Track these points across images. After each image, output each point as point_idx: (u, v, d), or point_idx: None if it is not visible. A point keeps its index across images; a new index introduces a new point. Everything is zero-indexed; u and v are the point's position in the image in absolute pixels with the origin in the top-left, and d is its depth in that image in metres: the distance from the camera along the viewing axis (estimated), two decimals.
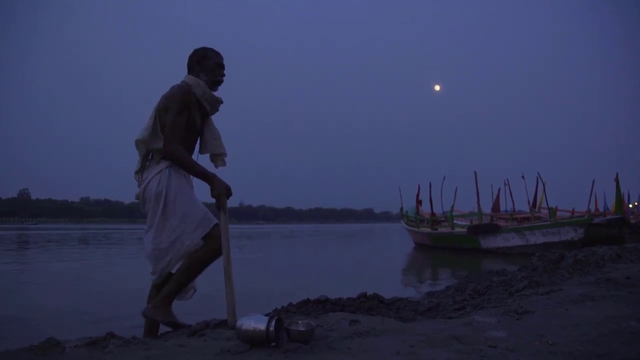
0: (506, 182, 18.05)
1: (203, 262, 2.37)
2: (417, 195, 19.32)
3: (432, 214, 17.80)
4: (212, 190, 2.29)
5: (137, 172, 2.48)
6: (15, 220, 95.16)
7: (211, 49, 2.61)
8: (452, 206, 16.44)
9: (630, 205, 26.34)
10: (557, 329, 2.14)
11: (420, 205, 19.17)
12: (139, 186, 2.45)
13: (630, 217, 20.01)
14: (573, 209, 17.76)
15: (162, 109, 2.40)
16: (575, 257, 5.04)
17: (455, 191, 17.20)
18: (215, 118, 2.70)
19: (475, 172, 16.16)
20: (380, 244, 22.28)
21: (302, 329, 1.84)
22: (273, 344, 1.72)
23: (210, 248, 2.35)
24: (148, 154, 2.48)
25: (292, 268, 9.65)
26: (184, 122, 2.39)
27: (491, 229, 14.04)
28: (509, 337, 2.03)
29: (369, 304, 3.44)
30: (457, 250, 14.62)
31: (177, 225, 2.35)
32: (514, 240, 13.49)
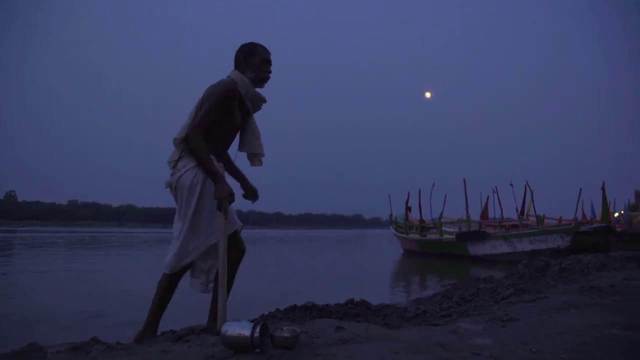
0: (495, 189, 18.23)
1: (234, 264, 2.44)
2: (407, 201, 19.41)
3: (421, 220, 17.87)
4: (215, 191, 2.28)
5: (171, 161, 2.45)
6: (1, 222, 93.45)
7: (259, 45, 2.57)
8: (441, 213, 16.53)
9: (616, 214, 26.70)
10: (541, 336, 2.16)
11: (410, 211, 19.25)
12: (172, 175, 2.43)
13: (616, 225, 20.30)
14: (560, 217, 17.94)
15: (205, 100, 2.37)
16: (561, 265, 5.10)
17: (445, 198, 17.32)
18: None
19: (464, 180, 16.29)
20: (370, 250, 22.28)
21: (286, 335, 1.84)
22: (257, 350, 1.71)
23: (233, 250, 2.39)
24: None
25: (287, 273, 9.63)
26: (213, 117, 2.35)
27: (479, 236, 14.14)
28: (494, 344, 2.04)
29: (356, 310, 3.45)
30: (446, 256, 14.68)
31: (205, 219, 2.37)
32: (502, 248, 13.58)
